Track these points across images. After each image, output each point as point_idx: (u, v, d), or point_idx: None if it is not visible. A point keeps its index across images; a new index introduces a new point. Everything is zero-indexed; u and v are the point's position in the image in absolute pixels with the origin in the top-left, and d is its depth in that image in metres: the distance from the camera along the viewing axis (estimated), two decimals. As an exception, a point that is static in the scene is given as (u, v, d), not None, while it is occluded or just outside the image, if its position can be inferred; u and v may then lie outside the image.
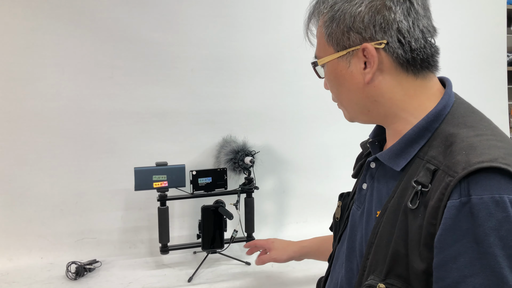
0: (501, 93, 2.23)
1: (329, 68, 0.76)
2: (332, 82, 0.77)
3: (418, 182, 0.63)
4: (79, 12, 1.62)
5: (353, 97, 0.74)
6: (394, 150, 0.71)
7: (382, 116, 0.74)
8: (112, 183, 1.70)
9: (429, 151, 0.66)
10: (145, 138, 1.73)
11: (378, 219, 0.70)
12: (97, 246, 1.68)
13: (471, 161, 0.57)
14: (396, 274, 0.64)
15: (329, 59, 0.74)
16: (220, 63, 1.79)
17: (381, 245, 0.67)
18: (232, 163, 1.68)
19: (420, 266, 0.60)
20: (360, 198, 0.80)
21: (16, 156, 1.62)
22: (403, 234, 0.63)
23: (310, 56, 0.83)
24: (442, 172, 0.60)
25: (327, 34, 0.73)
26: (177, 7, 1.72)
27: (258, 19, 1.82)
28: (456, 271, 0.55)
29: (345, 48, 0.71)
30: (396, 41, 0.68)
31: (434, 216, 0.58)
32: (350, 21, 0.69)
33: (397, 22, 0.67)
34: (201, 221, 1.56)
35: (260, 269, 1.56)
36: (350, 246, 0.79)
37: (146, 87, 1.72)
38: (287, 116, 1.89)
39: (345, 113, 0.81)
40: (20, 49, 1.59)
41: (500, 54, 2.21)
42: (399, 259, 0.63)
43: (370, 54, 0.68)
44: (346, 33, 0.70)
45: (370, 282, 0.66)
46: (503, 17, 2.19)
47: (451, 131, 0.64)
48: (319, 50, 0.78)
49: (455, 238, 0.55)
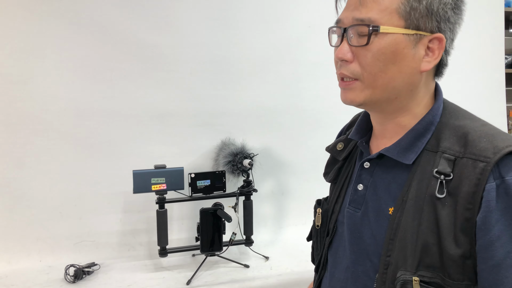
0: (499, 95, 2.24)
1: (388, 41, 0.67)
2: (382, 56, 0.67)
3: (440, 172, 0.65)
4: (78, 15, 1.63)
5: (398, 79, 0.69)
6: (403, 145, 0.71)
7: (399, 107, 0.72)
8: (111, 185, 1.70)
9: (440, 143, 0.67)
10: (144, 141, 1.73)
11: (393, 214, 0.69)
12: (96, 249, 1.68)
13: (499, 146, 0.60)
14: (426, 265, 0.64)
15: (395, 31, 0.67)
16: (219, 66, 1.79)
17: (406, 239, 0.67)
18: (231, 166, 1.68)
19: (456, 252, 0.61)
20: (357, 200, 0.78)
21: (15, 159, 1.62)
22: (431, 224, 0.64)
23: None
24: (467, 160, 0.62)
25: (407, 5, 0.66)
26: (176, 10, 1.73)
27: (257, 22, 1.83)
28: (501, 248, 0.58)
29: (417, 29, 0.67)
30: (449, 44, 0.71)
31: (470, 201, 0.60)
32: (438, 5, 0.67)
33: (459, 27, 0.71)
34: (199, 224, 1.56)
35: (259, 272, 1.56)
36: (356, 249, 0.76)
37: (144, 90, 1.72)
38: (286, 119, 1.90)
39: (355, 93, 0.71)
40: (19, 51, 1.59)
41: (498, 57, 2.21)
42: (428, 249, 0.64)
43: (441, 46, 0.68)
44: (429, 15, 0.67)
45: (403, 277, 0.65)
46: (501, 19, 2.20)
47: (457, 124, 0.68)
48: (382, 16, 0.67)
49: (497, 218, 0.59)
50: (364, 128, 0.83)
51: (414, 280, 0.64)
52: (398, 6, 0.66)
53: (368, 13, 0.67)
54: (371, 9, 0.67)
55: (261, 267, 1.60)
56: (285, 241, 1.84)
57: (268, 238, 1.85)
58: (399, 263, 0.67)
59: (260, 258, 1.68)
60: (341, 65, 0.71)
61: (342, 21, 0.71)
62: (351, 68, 0.70)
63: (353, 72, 0.70)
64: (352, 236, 0.77)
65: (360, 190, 0.78)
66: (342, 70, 0.71)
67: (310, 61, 1.84)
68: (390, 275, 0.68)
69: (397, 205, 0.69)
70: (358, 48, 0.68)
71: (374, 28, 0.66)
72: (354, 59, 0.69)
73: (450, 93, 2.26)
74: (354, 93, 0.71)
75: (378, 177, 0.75)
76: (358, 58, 0.69)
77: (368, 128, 0.83)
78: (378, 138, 0.79)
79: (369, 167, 0.77)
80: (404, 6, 0.66)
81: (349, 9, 0.70)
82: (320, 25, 0.80)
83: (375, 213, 0.74)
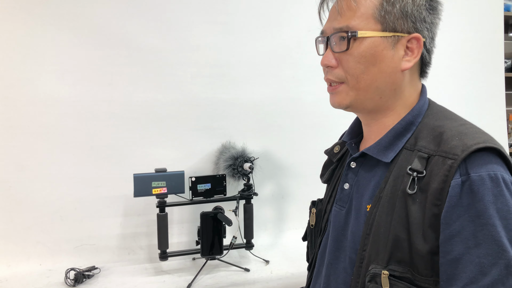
0: (499, 99, 2.24)
1: (367, 44, 0.71)
2: (363, 59, 0.71)
3: (413, 169, 0.67)
4: (79, 18, 1.63)
5: (380, 80, 0.72)
6: (383, 143, 0.74)
7: (384, 107, 0.76)
8: (111, 189, 1.70)
9: (418, 142, 0.70)
10: (145, 144, 1.73)
11: (371, 210, 0.72)
12: (96, 253, 1.68)
13: (468, 144, 0.63)
14: (397, 259, 0.66)
15: (373, 35, 0.70)
16: (219, 69, 1.80)
17: (379, 234, 0.69)
18: (231, 169, 1.68)
19: (424, 247, 0.63)
20: (343, 198, 0.81)
21: (15, 162, 1.62)
22: (402, 219, 0.66)
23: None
24: (439, 158, 0.65)
25: (382, 10, 0.70)
26: (176, 13, 1.73)
27: (257, 25, 1.83)
28: (461, 244, 0.60)
29: (394, 30, 0.70)
30: (429, 43, 0.74)
31: (438, 197, 0.62)
32: (411, 7, 0.70)
33: (436, 26, 0.74)
34: (200, 228, 1.56)
35: (259, 276, 1.55)
36: (338, 246, 0.80)
37: (145, 93, 1.73)
38: (286, 122, 1.90)
39: (341, 96, 0.76)
40: (19, 54, 1.60)
41: (497, 60, 2.22)
42: (399, 244, 0.66)
43: (419, 45, 0.72)
44: (404, 17, 0.70)
45: (373, 271, 0.67)
46: (500, 23, 2.21)
47: (436, 124, 0.71)
48: (359, 22, 0.71)
49: (459, 213, 0.60)
50: (355, 130, 0.87)
51: (383, 274, 0.66)
52: (374, 12, 0.71)
53: (345, 21, 0.72)
54: (349, 17, 0.72)
55: (261, 271, 1.60)
56: (286, 245, 1.84)
57: (268, 241, 1.85)
58: (372, 257, 0.69)
59: (261, 262, 1.68)
60: (328, 71, 0.77)
61: (325, 32, 0.77)
62: (336, 73, 0.75)
63: (338, 76, 0.75)
64: (336, 234, 0.81)
65: (345, 189, 0.81)
66: (329, 76, 0.77)
67: (310, 65, 1.84)
68: (364, 269, 0.70)
69: (374, 201, 0.72)
70: (341, 54, 0.73)
71: (352, 33, 0.71)
72: (338, 64, 0.75)
73: (450, 96, 2.28)
74: (341, 96, 0.76)
75: (361, 176, 0.79)
76: (341, 63, 0.74)
77: (360, 130, 0.86)
78: (366, 140, 0.82)
79: (354, 167, 0.80)
80: (378, 11, 0.70)
81: (330, 20, 0.76)
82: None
83: (356, 211, 0.77)
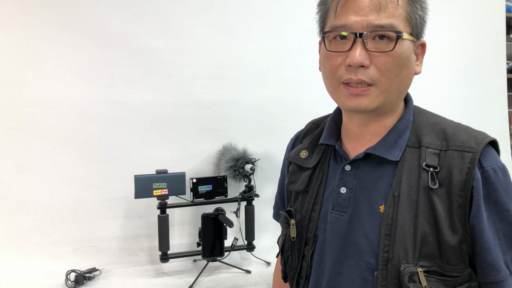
0: (501, 100, 2.23)
1: (405, 46, 0.69)
2: (401, 61, 0.69)
3: (428, 165, 0.69)
4: (80, 20, 1.63)
5: (405, 83, 0.73)
6: (389, 142, 0.74)
7: (391, 108, 0.75)
8: (112, 191, 1.69)
9: (421, 139, 0.72)
10: (145, 146, 1.73)
11: (386, 211, 0.70)
12: (97, 254, 1.67)
13: (478, 138, 0.68)
14: (424, 255, 0.67)
15: (408, 37, 0.69)
16: (220, 71, 1.80)
17: (404, 232, 0.68)
18: (233, 171, 1.68)
19: (454, 238, 0.66)
20: (342, 203, 0.76)
21: (16, 164, 1.62)
22: (427, 215, 0.68)
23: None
24: (453, 152, 0.68)
25: (412, 14, 0.69)
26: (178, 15, 1.73)
27: (258, 27, 1.83)
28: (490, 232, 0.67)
29: (416, 35, 0.72)
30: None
31: (462, 188, 0.66)
32: (426, 14, 0.73)
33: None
34: (201, 229, 1.55)
35: (260, 278, 1.55)
36: (347, 254, 0.74)
37: (146, 95, 1.72)
38: (287, 124, 1.89)
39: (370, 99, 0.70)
40: (20, 56, 1.60)
41: (499, 62, 2.21)
42: (426, 239, 0.67)
43: (424, 51, 0.74)
44: (424, 23, 0.73)
45: (408, 270, 0.66)
46: (502, 24, 2.20)
47: (430, 121, 0.74)
48: (399, 22, 0.68)
49: (483, 206, 0.66)
50: (335, 133, 0.84)
51: (419, 271, 0.66)
52: (407, 14, 0.69)
53: (388, 19, 0.67)
54: (390, 15, 0.67)
55: (262, 272, 1.60)
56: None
57: (269, 243, 1.84)
58: (400, 256, 0.68)
59: (262, 264, 1.68)
60: (358, 70, 0.69)
61: (351, 26, 0.68)
62: (369, 73, 0.68)
63: (371, 77, 0.68)
64: (339, 242, 0.75)
65: (343, 193, 0.77)
66: (360, 76, 0.68)
67: (311, 66, 1.84)
68: (391, 270, 0.68)
69: (388, 201, 0.71)
70: (376, 53, 0.68)
71: (398, 34, 0.67)
72: (370, 64, 0.69)
73: (452, 98, 2.27)
74: (369, 99, 0.70)
75: (363, 178, 0.75)
76: (376, 64, 0.68)
77: (339, 132, 0.85)
78: (354, 141, 0.79)
79: (350, 170, 0.77)
80: (409, 14, 0.70)
81: (361, 14, 0.68)
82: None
83: (367, 214, 0.73)
